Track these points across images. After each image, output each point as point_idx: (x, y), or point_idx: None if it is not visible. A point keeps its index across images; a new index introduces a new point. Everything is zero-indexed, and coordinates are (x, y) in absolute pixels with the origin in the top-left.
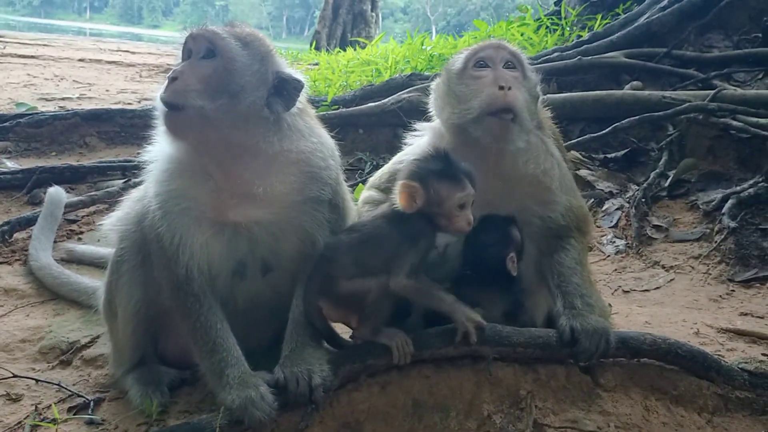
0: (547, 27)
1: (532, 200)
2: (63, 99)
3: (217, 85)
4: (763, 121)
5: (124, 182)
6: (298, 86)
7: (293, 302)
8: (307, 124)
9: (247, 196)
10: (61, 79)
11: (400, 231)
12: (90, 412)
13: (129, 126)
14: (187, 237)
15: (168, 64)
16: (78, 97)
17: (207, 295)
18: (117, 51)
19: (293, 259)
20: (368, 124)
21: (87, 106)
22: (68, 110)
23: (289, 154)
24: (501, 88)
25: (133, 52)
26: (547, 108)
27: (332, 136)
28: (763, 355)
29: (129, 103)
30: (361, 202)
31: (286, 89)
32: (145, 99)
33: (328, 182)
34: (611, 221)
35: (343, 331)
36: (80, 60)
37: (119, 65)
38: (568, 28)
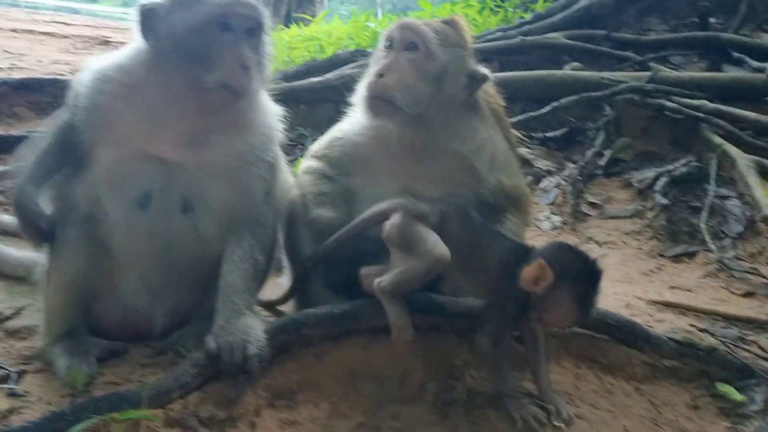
0: (491, 8)
1: (462, 176)
2: None
3: None
4: (696, 102)
5: None
6: None
7: (224, 267)
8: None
9: (193, 141)
10: None
11: (499, 281)
12: (13, 383)
13: (61, 96)
14: (100, 148)
15: (104, 37)
16: (9, 68)
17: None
18: (51, 22)
19: (220, 205)
20: (310, 100)
21: (17, 76)
22: None
23: (258, 113)
24: (376, 75)
25: (68, 24)
26: (496, 91)
27: None
28: (690, 325)
29: (62, 74)
30: (301, 172)
31: None
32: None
33: (274, 143)
34: (548, 198)
35: None
36: (12, 30)
37: (53, 36)
38: (511, 10)
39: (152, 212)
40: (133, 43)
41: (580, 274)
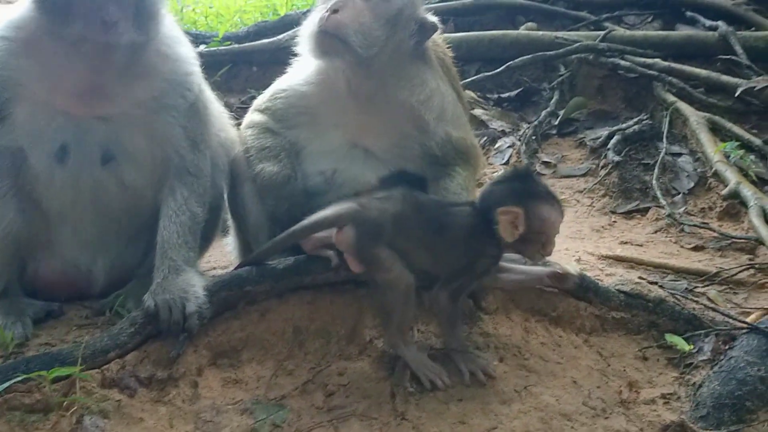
0: None
1: (410, 128)
2: None
3: None
4: (650, 61)
5: None
6: None
7: (160, 222)
8: (172, 28)
9: (95, 93)
10: None
11: (473, 246)
12: None
13: None
14: (11, 104)
15: None
16: None
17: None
18: None
19: (141, 155)
20: (262, 62)
21: None
22: None
23: (159, 62)
24: (327, 11)
25: None
26: (445, 42)
27: (225, 73)
28: (640, 278)
29: None
30: (244, 126)
31: None
32: None
33: (189, 90)
34: (503, 158)
35: None
36: None
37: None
38: None
39: (71, 165)
40: None
41: (535, 190)
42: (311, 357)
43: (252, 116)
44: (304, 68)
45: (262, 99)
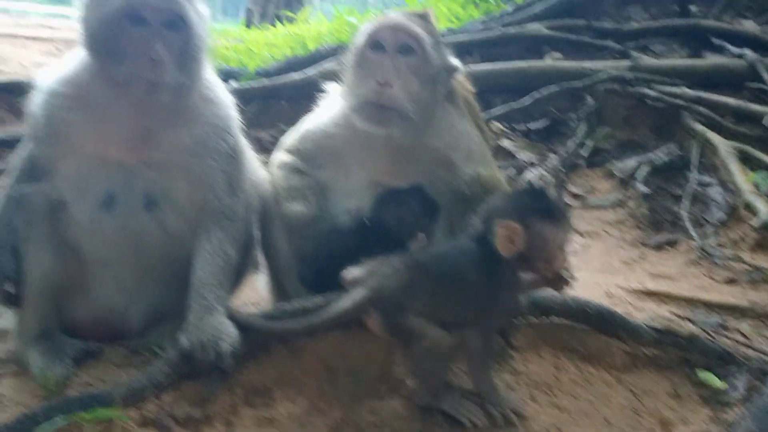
0: (474, 2)
1: (437, 169)
2: None
3: None
4: (677, 90)
5: None
6: None
7: (195, 262)
8: (211, 73)
9: (141, 140)
10: None
11: (488, 280)
12: None
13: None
14: (59, 158)
15: None
16: None
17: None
18: (37, 26)
19: (183, 200)
20: (292, 96)
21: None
22: None
23: (202, 106)
24: (381, 84)
25: (53, 28)
26: (466, 78)
27: (255, 108)
28: (671, 313)
29: None
30: (273, 166)
31: None
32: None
33: (229, 134)
34: None
35: None
36: None
37: (37, 40)
38: (493, 2)
39: (117, 212)
40: (76, 50)
41: (539, 206)
42: (343, 396)
43: (281, 156)
44: (331, 109)
45: (290, 139)
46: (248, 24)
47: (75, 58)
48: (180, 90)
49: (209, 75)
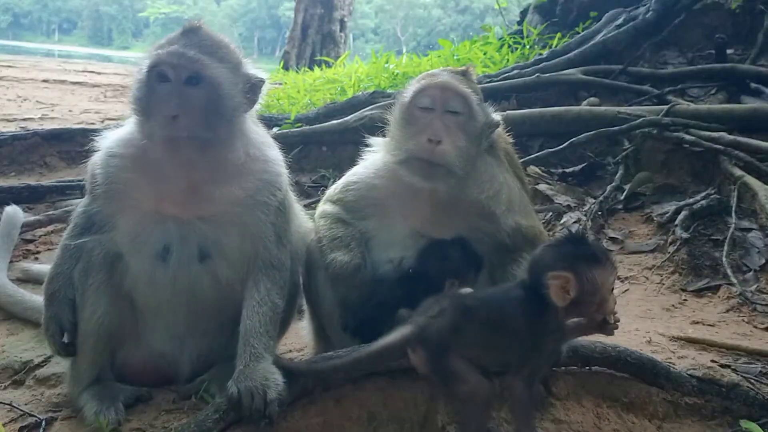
0: (509, 46)
1: (478, 219)
2: (24, 119)
3: None
4: (715, 134)
5: None
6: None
7: (243, 312)
8: (260, 133)
9: (199, 194)
10: (24, 99)
11: (534, 326)
12: (41, 431)
13: (90, 145)
14: (117, 214)
15: None
16: (40, 117)
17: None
18: (82, 72)
19: (234, 251)
20: (331, 142)
21: (49, 126)
22: (28, 130)
23: (250, 162)
24: (431, 141)
25: (99, 73)
26: (504, 127)
27: (296, 153)
28: (713, 361)
29: (92, 123)
30: (317, 217)
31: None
32: (109, 119)
33: (278, 189)
34: None
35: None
36: (44, 81)
37: (84, 86)
38: (528, 47)
39: (172, 263)
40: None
41: (585, 253)
42: None
43: (325, 207)
44: (374, 161)
45: (334, 190)
46: (286, 67)
47: (131, 120)
48: (209, 144)
49: (256, 135)
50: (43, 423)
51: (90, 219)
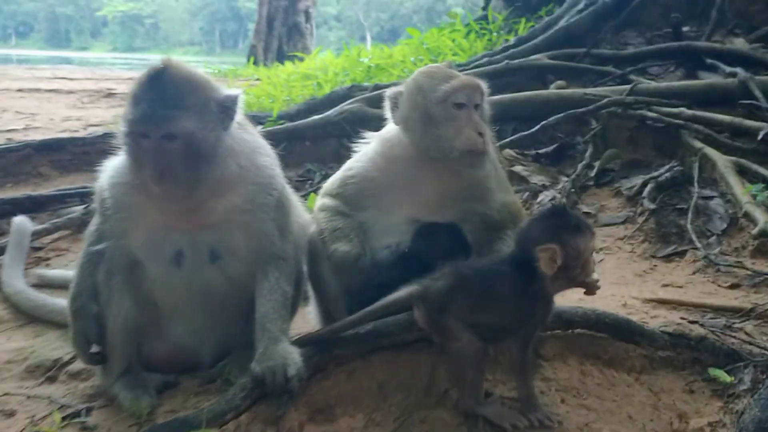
0: (476, 32)
1: (473, 201)
2: (9, 131)
3: None
4: (675, 110)
5: (85, 208)
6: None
7: (257, 301)
8: (249, 139)
9: (200, 210)
10: (3, 110)
11: (525, 294)
12: (84, 418)
13: (80, 153)
14: (129, 230)
15: (108, 89)
16: (24, 128)
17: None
18: (54, 78)
19: (242, 250)
20: (314, 136)
21: (34, 136)
22: (19, 142)
23: (243, 172)
24: (480, 134)
25: (70, 79)
26: None
27: (281, 150)
28: (682, 318)
29: (75, 131)
30: (316, 210)
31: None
32: (91, 125)
33: (274, 189)
34: None
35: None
36: (18, 90)
37: (59, 93)
38: (495, 33)
39: (186, 266)
40: None
41: (567, 224)
42: (395, 408)
43: (324, 200)
44: (370, 154)
45: (332, 184)
46: (255, 61)
47: None
48: (198, 181)
49: (244, 146)
50: (84, 410)
51: (102, 236)
